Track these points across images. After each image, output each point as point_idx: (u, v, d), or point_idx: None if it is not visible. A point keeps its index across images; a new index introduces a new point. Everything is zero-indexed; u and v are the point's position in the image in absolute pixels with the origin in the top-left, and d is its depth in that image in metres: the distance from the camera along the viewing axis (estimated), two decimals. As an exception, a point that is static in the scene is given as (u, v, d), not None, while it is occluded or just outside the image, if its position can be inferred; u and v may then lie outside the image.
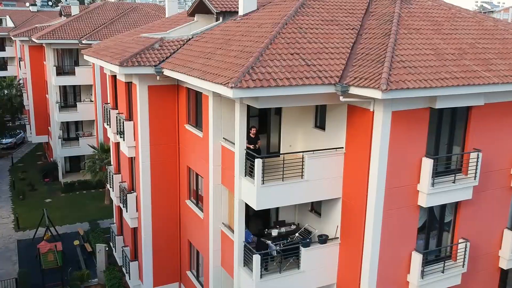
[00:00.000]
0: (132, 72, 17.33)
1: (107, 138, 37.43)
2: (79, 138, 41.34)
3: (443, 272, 15.35)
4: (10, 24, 73.12)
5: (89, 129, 42.59)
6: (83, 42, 37.77)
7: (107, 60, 18.32)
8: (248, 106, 14.28)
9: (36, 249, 27.81)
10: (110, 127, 22.09)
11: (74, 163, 43.20)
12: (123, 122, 19.48)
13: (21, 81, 59.97)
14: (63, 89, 41.58)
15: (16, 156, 49.86)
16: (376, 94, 12.13)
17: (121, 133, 20.05)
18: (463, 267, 15.68)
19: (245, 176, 14.37)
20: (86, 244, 29.64)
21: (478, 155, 14.91)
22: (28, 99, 46.20)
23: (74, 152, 41.46)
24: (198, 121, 17.78)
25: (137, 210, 20.19)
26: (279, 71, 12.98)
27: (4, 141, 51.32)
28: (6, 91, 57.21)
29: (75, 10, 44.80)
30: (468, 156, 15.05)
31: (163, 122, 18.95)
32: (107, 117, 22.84)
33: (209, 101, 15.99)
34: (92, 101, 40.64)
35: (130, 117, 19.94)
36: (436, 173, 14.43)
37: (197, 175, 18.27)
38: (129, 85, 19.57)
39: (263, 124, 17.27)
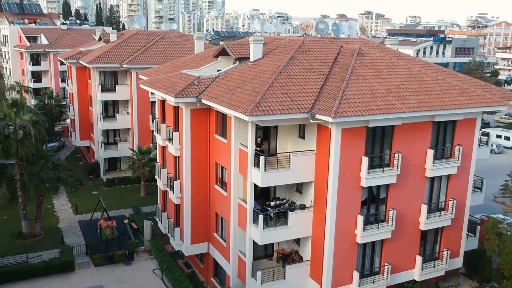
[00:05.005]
0: (181, 101, 26.38)
1: (141, 143, 47.00)
2: (117, 142, 50.77)
3: (378, 229, 24.44)
4: (44, 41, 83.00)
5: (125, 135, 51.90)
6: (124, 66, 47.17)
7: (163, 92, 27.55)
8: (256, 124, 23.46)
9: (97, 225, 36.95)
10: (159, 135, 31.37)
11: (112, 163, 52.60)
12: (172, 132, 28.70)
13: (58, 93, 69.63)
14: (105, 103, 50.88)
15: (60, 158, 59.19)
16: (329, 119, 21.32)
17: (170, 139, 29.23)
18: (391, 226, 24.80)
19: (254, 167, 23.48)
20: (133, 223, 38.72)
21: (399, 155, 24.05)
22: (74, 110, 55.63)
23: (113, 154, 50.99)
24: (223, 132, 26.75)
25: (180, 192, 29.28)
26: (274, 105, 22.17)
27: (50, 144, 60.77)
28: (47, 101, 66.86)
29: (113, 37, 54.01)
30: (393, 156, 24.20)
31: (199, 132, 27.83)
32: (157, 128, 32.03)
33: (231, 120, 25.07)
34: (129, 112, 49.96)
35: (176, 129, 29.08)
36: (372, 166, 23.58)
37: (222, 167, 27.27)
38: (176, 108, 28.77)
39: (266, 134, 26.32)
